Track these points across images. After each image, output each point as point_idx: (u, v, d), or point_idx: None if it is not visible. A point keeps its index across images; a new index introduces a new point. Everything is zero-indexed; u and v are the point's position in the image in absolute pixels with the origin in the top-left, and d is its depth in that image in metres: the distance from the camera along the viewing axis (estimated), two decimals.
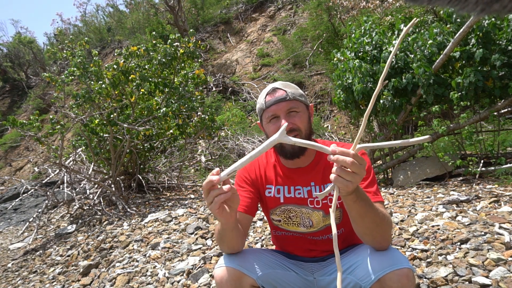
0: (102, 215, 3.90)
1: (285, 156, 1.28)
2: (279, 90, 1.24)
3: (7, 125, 3.56)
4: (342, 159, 0.90)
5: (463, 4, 0.34)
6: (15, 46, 17.23)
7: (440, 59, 3.25)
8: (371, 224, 1.05)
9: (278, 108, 1.22)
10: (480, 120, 3.34)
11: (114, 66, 3.99)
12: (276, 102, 1.22)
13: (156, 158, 5.41)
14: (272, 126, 1.25)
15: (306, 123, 1.25)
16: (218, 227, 1.16)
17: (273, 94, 1.24)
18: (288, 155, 1.26)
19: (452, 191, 2.99)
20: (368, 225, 1.05)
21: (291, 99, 1.22)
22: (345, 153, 0.90)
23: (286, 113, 1.22)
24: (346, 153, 0.90)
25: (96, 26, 17.47)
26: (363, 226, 1.06)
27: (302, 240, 1.36)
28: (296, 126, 1.22)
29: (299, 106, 1.24)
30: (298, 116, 1.23)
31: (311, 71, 9.19)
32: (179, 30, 11.15)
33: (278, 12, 12.80)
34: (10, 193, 7.53)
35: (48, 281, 2.70)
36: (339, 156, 0.90)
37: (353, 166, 0.90)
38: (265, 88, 1.30)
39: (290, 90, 1.24)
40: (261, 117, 1.30)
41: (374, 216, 1.04)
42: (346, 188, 0.93)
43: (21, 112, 14.81)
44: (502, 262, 1.65)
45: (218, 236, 1.19)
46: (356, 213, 1.03)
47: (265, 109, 1.25)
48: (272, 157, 1.39)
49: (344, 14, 8.56)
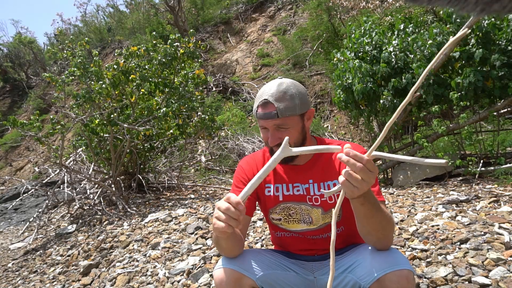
0: (102, 215, 3.90)
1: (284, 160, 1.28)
2: (270, 105, 1.20)
3: (8, 125, 3.56)
4: (352, 163, 0.88)
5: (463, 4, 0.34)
6: (16, 46, 17.23)
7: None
8: (377, 226, 1.06)
9: (266, 123, 1.22)
10: (480, 120, 3.34)
11: (114, 66, 3.99)
12: (265, 118, 1.21)
13: (156, 158, 5.42)
14: (264, 134, 1.28)
15: (297, 135, 1.25)
16: (215, 237, 1.16)
17: (263, 107, 1.21)
18: (288, 159, 1.27)
19: (452, 191, 3.00)
20: (374, 227, 1.06)
21: (280, 117, 1.19)
22: (358, 158, 0.88)
23: (275, 129, 1.22)
24: (359, 158, 0.88)
25: (96, 26, 17.47)
26: (368, 227, 1.06)
27: (302, 241, 1.36)
28: None
29: (290, 121, 1.22)
30: (287, 132, 1.22)
31: (311, 71, 9.19)
32: (179, 30, 11.15)
33: (278, 12, 12.81)
34: (11, 193, 7.53)
35: (49, 281, 2.71)
36: (351, 159, 0.89)
37: (362, 173, 0.88)
38: (263, 88, 1.26)
39: (282, 106, 1.19)
40: None
41: (381, 219, 1.04)
42: (351, 194, 0.93)
43: (22, 112, 14.81)
44: (501, 262, 1.66)
45: (215, 242, 1.20)
46: (363, 215, 1.03)
47: (257, 118, 1.27)
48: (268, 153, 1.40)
49: (344, 14, 8.56)
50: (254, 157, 1.42)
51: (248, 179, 1.35)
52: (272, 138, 1.22)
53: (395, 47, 3.58)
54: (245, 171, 1.38)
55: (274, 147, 1.24)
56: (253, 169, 1.38)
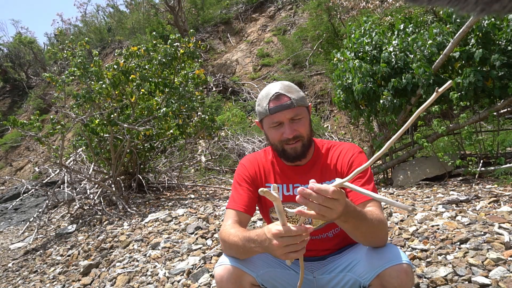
0: (102, 215, 3.91)
1: (287, 159, 1.30)
2: (283, 96, 1.22)
3: (8, 125, 3.56)
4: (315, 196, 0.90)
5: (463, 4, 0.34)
6: (16, 46, 17.23)
7: (440, 59, 3.26)
8: (366, 233, 1.09)
9: (283, 115, 1.23)
10: (480, 120, 3.34)
11: (115, 66, 3.99)
12: (281, 109, 1.22)
13: (156, 158, 5.42)
14: (275, 133, 1.26)
15: (308, 127, 1.28)
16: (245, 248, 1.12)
17: (277, 100, 1.22)
18: (291, 159, 1.29)
19: (452, 191, 3.00)
20: (363, 235, 1.10)
21: (296, 106, 1.22)
22: (323, 191, 0.89)
23: (290, 121, 1.24)
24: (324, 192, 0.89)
25: (97, 27, 17.47)
26: (358, 236, 1.11)
27: None
28: (299, 133, 1.25)
29: (302, 112, 1.25)
30: (301, 122, 1.25)
31: (311, 71, 9.19)
32: (179, 30, 11.16)
33: (278, 12, 12.81)
34: (11, 193, 7.54)
35: (49, 281, 2.71)
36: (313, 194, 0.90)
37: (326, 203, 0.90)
38: (266, 88, 1.28)
39: (294, 96, 1.23)
40: (262, 120, 1.30)
41: (368, 227, 1.06)
42: (324, 219, 0.97)
43: (22, 112, 14.81)
44: (501, 261, 1.66)
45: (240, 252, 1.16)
46: (348, 228, 1.07)
47: (268, 114, 1.25)
48: (270, 154, 1.40)
49: (344, 14, 8.56)
50: (256, 156, 1.42)
51: (250, 177, 1.36)
52: (290, 130, 1.23)
53: (395, 47, 3.58)
54: (248, 170, 1.37)
55: (290, 140, 1.23)
56: (255, 168, 1.38)
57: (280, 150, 1.29)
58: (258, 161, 1.39)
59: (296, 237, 0.95)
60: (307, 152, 1.29)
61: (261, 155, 1.41)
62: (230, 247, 1.19)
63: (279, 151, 1.30)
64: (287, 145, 1.25)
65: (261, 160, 1.40)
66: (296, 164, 1.34)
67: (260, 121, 1.34)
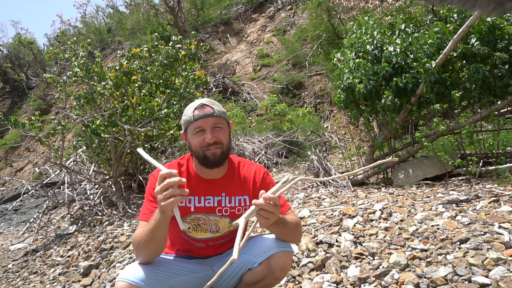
0: (102, 215, 3.91)
1: (207, 165, 1.38)
2: (206, 106, 1.37)
3: (9, 125, 3.57)
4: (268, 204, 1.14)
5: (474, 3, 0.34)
6: (15, 47, 17.26)
7: (440, 59, 3.26)
8: (287, 234, 1.39)
9: (205, 122, 1.35)
10: (481, 119, 3.34)
11: (117, 67, 4.00)
12: (203, 116, 1.35)
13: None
14: (197, 139, 1.36)
15: (228, 139, 1.42)
16: (151, 227, 1.21)
17: (201, 109, 1.36)
18: (210, 164, 1.38)
19: (452, 190, 2.99)
20: (285, 236, 1.40)
21: (217, 116, 1.36)
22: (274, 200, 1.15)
23: (212, 128, 1.35)
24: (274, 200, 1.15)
25: (96, 27, 17.49)
26: (282, 236, 1.40)
27: (204, 249, 1.50)
28: (220, 140, 1.37)
29: (223, 122, 1.39)
30: (222, 131, 1.38)
31: (311, 71, 9.20)
32: (179, 31, 11.17)
33: (277, 13, 12.81)
34: (11, 194, 7.55)
35: (49, 282, 2.71)
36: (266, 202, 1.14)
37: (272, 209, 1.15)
38: (189, 106, 1.40)
39: (216, 108, 1.38)
40: (187, 128, 1.39)
41: (290, 230, 1.36)
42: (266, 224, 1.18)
43: (22, 113, 14.83)
44: (501, 261, 1.65)
45: (150, 236, 1.23)
46: (275, 232, 1.38)
47: (192, 121, 1.36)
48: (184, 166, 1.46)
49: (344, 14, 8.56)
50: (171, 166, 1.45)
51: None
52: (211, 135, 1.34)
53: (396, 47, 3.58)
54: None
55: (211, 145, 1.34)
56: None
57: (201, 156, 1.37)
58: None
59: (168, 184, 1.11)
60: (224, 161, 1.42)
61: (174, 167, 1.45)
62: (139, 243, 1.26)
63: (200, 157, 1.37)
64: (208, 150, 1.35)
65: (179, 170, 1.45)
66: (212, 177, 1.43)
67: (184, 131, 1.42)
